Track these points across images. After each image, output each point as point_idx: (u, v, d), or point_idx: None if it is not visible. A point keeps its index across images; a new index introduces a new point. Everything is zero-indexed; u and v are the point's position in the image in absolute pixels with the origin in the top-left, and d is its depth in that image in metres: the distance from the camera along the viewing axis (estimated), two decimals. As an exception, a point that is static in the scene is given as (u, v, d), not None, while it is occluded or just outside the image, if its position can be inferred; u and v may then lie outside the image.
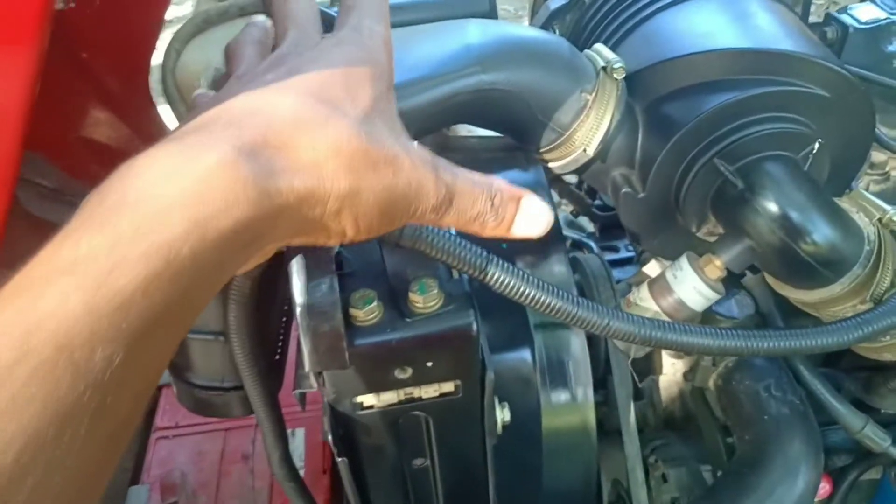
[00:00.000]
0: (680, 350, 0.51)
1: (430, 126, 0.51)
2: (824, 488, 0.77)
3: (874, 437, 0.68)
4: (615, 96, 0.53)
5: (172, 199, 0.27)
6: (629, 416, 0.77)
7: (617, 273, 0.91)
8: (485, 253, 0.46)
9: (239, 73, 0.39)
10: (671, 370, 0.87)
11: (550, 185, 1.00)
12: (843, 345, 0.50)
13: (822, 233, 0.53)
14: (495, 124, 0.56)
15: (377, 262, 0.48)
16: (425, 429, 0.52)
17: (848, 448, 0.84)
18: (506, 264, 0.46)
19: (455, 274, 0.48)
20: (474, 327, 0.47)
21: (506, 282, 0.45)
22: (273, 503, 0.84)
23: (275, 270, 0.58)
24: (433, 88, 0.49)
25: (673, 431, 0.86)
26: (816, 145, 0.53)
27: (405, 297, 0.46)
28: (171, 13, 0.95)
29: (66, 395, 0.24)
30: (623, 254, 1.06)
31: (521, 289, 0.45)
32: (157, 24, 0.96)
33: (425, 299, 0.46)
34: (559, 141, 0.54)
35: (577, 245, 1.01)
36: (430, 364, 0.47)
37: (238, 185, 0.29)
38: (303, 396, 0.47)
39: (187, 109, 0.72)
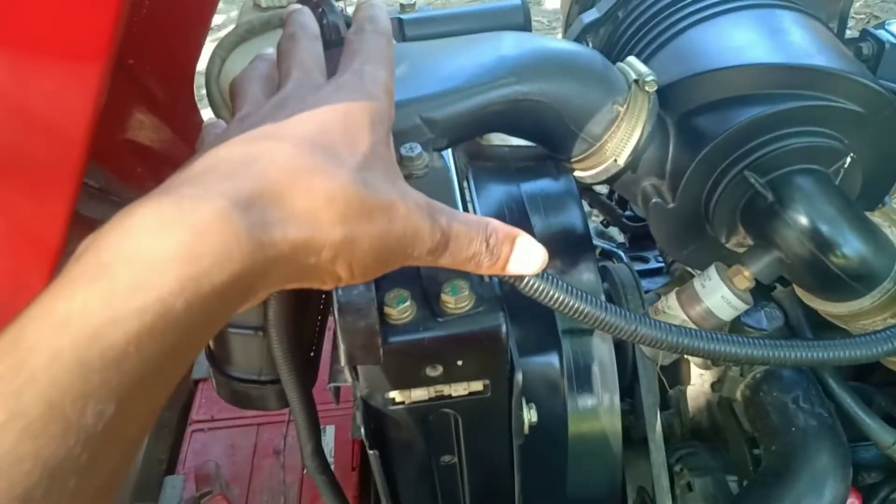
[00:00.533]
0: (707, 357, 0.52)
1: (464, 135, 0.52)
2: (853, 503, 0.77)
3: (904, 452, 0.67)
4: (647, 108, 0.54)
5: (167, 253, 0.27)
6: (655, 424, 0.78)
7: (646, 283, 0.92)
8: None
9: (242, 113, 0.39)
10: (699, 381, 0.87)
11: (581, 194, 1.01)
12: (872, 357, 0.51)
13: (852, 246, 0.53)
14: (528, 134, 0.58)
15: (412, 263, 0.50)
16: (454, 426, 0.54)
17: (879, 465, 0.83)
18: (548, 276, 0.48)
19: (486, 277, 0.50)
20: (504, 329, 0.48)
21: (535, 286, 0.46)
22: (303, 498, 0.86)
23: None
24: (468, 98, 0.51)
25: (700, 441, 0.86)
26: (848, 160, 0.54)
27: (437, 298, 0.48)
28: (214, 20, 0.98)
29: (56, 451, 0.24)
30: (653, 264, 1.06)
31: (551, 293, 0.47)
32: (203, 32, 1.00)
33: (457, 300, 0.47)
34: (590, 151, 0.56)
35: (607, 255, 1.02)
36: (460, 363, 0.49)
37: (232, 238, 0.29)
38: (337, 390, 0.49)
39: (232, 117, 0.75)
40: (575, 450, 0.72)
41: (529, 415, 0.56)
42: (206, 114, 1.08)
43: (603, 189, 1.08)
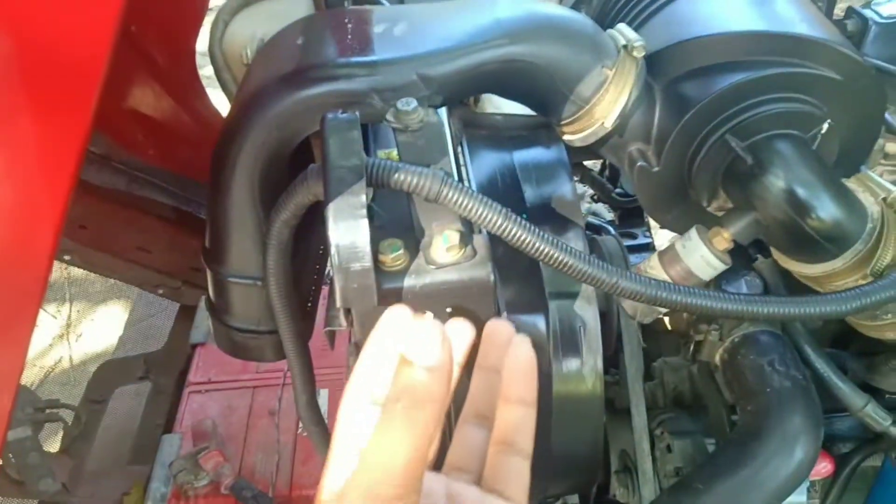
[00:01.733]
0: (683, 311, 0.54)
1: (458, 93, 0.54)
2: (826, 468, 0.79)
3: (875, 416, 0.70)
4: (634, 73, 0.56)
5: None
6: (638, 389, 0.80)
7: (633, 259, 0.94)
8: (505, 210, 0.50)
9: None
10: (681, 352, 0.90)
11: (573, 170, 1.03)
12: (842, 314, 0.53)
13: (826, 209, 0.55)
14: (520, 95, 0.60)
15: (405, 215, 0.52)
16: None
17: (853, 436, 0.86)
18: (523, 222, 0.50)
19: (477, 229, 0.52)
20: (492, 279, 0.51)
21: (523, 237, 0.49)
22: (297, 456, 0.89)
23: (311, 222, 0.62)
24: (463, 57, 0.53)
25: (681, 409, 0.89)
26: (825, 126, 0.56)
27: (429, 247, 0.50)
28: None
29: None
30: (640, 240, 1.09)
31: (537, 245, 0.49)
32: (204, 1, 1.01)
33: (448, 249, 0.50)
34: (580, 114, 0.58)
35: (596, 229, 1.04)
36: (449, 311, 0.51)
37: None
38: (332, 335, 0.51)
39: (233, 78, 0.77)
40: (558, 410, 0.75)
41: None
42: (206, 72, 1.10)
43: (594, 166, 1.11)
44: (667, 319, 0.92)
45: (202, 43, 1.03)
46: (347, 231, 0.47)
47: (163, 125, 1.13)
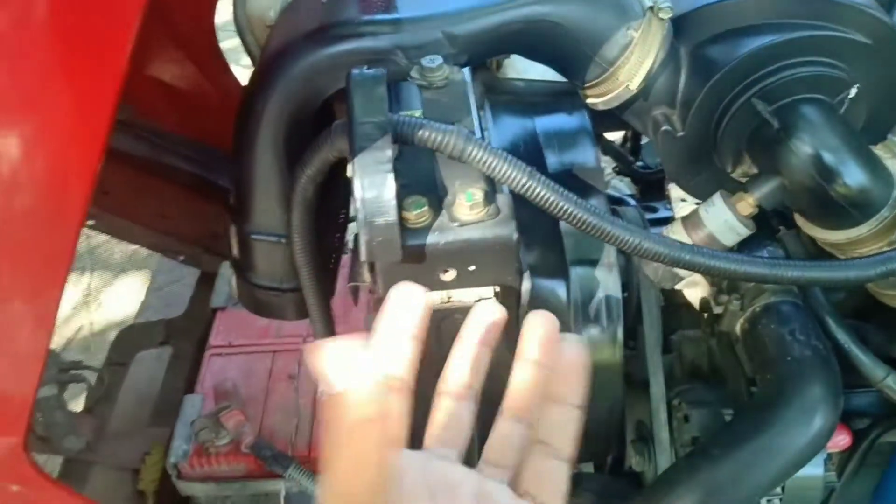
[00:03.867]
0: (706, 273, 0.54)
1: (483, 52, 0.54)
2: (844, 440, 0.79)
3: (895, 387, 0.70)
4: (660, 35, 0.56)
5: None
6: (656, 358, 0.81)
7: (655, 231, 0.94)
8: (530, 169, 0.50)
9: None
10: (701, 326, 0.90)
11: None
12: (865, 280, 0.53)
13: (852, 174, 0.55)
14: (544, 56, 0.60)
15: (429, 173, 0.53)
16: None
17: (871, 412, 0.86)
18: (548, 181, 0.50)
19: (500, 188, 0.53)
20: (514, 237, 0.51)
21: (546, 196, 0.49)
22: (316, 417, 0.90)
23: (335, 181, 0.62)
24: (488, 16, 0.53)
25: (699, 381, 0.89)
26: (853, 91, 0.56)
27: (453, 205, 0.50)
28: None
29: None
30: (661, 213, 1.08)
31: (561, 204, 0.49)
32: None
33: (472, 207, 0.50)
34: (604, 76, 0.58)
35: (617, 201, 1.04)
36: (472, 268, 0.52)
37: None
38: (356, 290, 0.52)
39: (255, 41, 0.77)
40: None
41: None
42: (227, 45, 1.10)
43: (616, 137, 1.10)
44: (686, 292, 0.92)
45: (222, 15, 1.04)
46: (373, 185, 0.47)
47: (184, 93, 1.14)
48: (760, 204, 0.58)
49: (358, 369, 0.28)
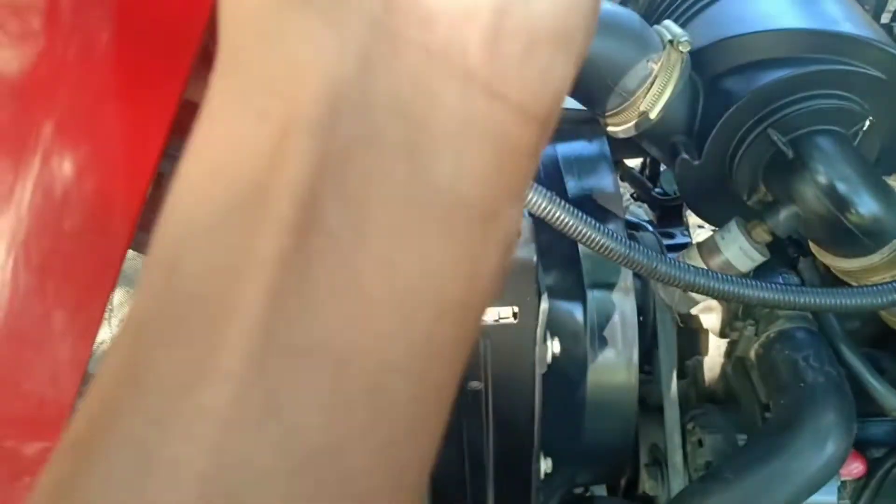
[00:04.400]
0: (720, 298, 0.55)
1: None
2: (858, 468, 0.80)
3: (909, 415, 0.70)
4: (679, 67, 0.58)
5: None
6: (671, 383, 0.82)
7: (671, 257, 0.96)
8: (549, 194, 0.52)
9: None
10: (716, 351, 0.91)
11: (614, 167, 1.05)
12: (876, 307, 0.54)
13: (866, 204, 0.56)
14: (567, 86, 0.62)
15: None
16: (483, 353, 0.59)
17: (887, 442, 0.86)
18: (567, 205, 0.52)
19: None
20: (534, 259, 0.53)
21: (566, 220, 0.51)
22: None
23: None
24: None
25: (714, 405, 0.90)
26: (867, 123, 0.57)
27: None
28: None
29: None
30: (679, 239, 1.10)
31: (580, 228, 0.51)
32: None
33: (493, 229, 0.52)
34: (624, 105, 0.60)
35: (634, 227, 1.06)
36: (492, 289, 0.54)
37: None
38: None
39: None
40: (592, 400, 0.77)
41: (552, 346, 0.60)
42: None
43: (634, 164, 1.12)
44: (702, 317, 0.93)
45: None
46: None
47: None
48: (775, 231, 0.59)
49: None
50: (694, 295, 0.63)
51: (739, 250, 0.60)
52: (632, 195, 1.09)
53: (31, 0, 0.49)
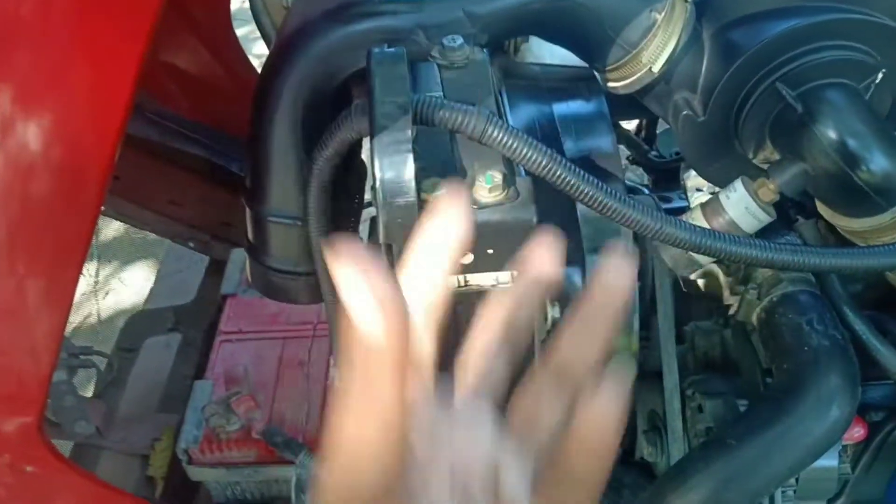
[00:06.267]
0: (726, 259, 0.53)
1: (504, 32, 0.54)
2: (859, 432, 0.79)
3: (913, 378, 0.69)
4: (683, 18, 0.55)
5: None
6: (670, 347, 0.80)
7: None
8: (550, 151, 0.49)
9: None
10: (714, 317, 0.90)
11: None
12: (887, 267, 0.52)
13: (877, 161, 0.54)
14: (565, 38, 0.59)
15: (448, 156, 0.52)
16: (480, 318, 0.56)
17: (887, 405, 0.85)
18: (569, 163, 0.50)
19: (519, 170, 0.52)
20: (534, 221, 0.50)
21: (567, 178, 0.48)
22: (327, 404, 0.90)
23: (350, 162, 0.62)
24: (511, -5, 0.52)
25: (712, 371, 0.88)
26: (880, 76, 0.55)
27: (472, 188, 0.50)
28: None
29: None
30: (676, 203, 1.08)
31: (582, 187, 0.49)
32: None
33: (491, 190, 0.49)
34: (626, 59, 0.57)
35: (631, 190, 1.03)
36: (490, 251, 0.51)
37: None
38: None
39: (272, 23, 0.77)
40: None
41: (552, 311, 0.58)
42: (241, 32, 1.10)
43: (630, 126, 1.09)
44: (700, 282, 0.91)
45: (236, 2, 1.03)
46: (392, 166, 0.47)
47: (198, 79, 1.13)
48: (782, 190, 0.57)
49: (386, 298, 0.23)
50: (697, 257, 0.61)
51: (745, 210, 0.58)
52: (627, 158, 1.06)
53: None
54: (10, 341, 0.47)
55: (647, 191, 1.01)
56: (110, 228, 2.12)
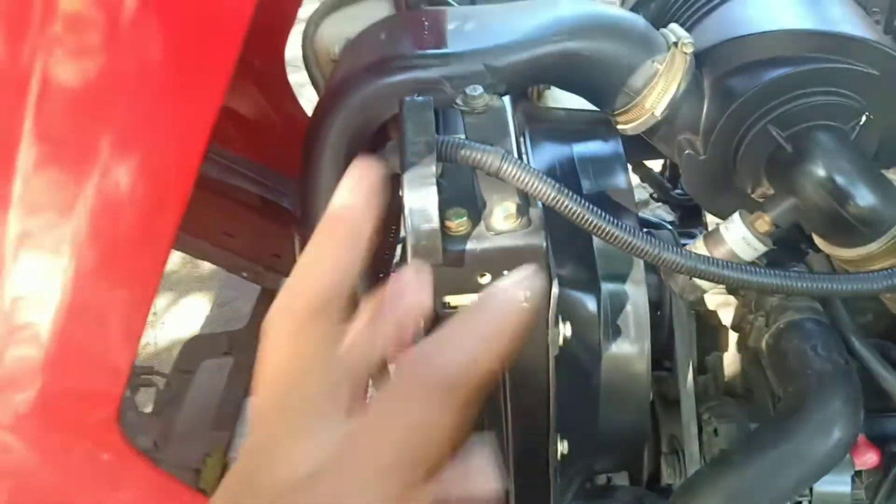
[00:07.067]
0: (721, 283, 0.59)
1: (521, 83, 0.61)
2: (872, 459, 0.81)
3: (917, 404, 0.72)
4: (683, 67, 0.62)
5: None
6: (687, 373, 0.85)
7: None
8: (557, 184, 0.56)
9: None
10: (735, 347, 0.94)
11: (634, 169, 1.08)
12: (872, 292, 0.57)
13: (863, 196, 0.59)
14: (577, 86, 0.66)
15: (470, 188, 0.59)
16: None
17: (907, 437, 0.88)
18: (572, 194, 0.56)
19: (532, 202, 0.59)
20: (543, 245, 0.57)
21: (571, 207, 0.55)
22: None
23: (390, 199, 0.69)
24: (526, 50, 0.60)
25: (731, 398, 0.92)
26: (864, 118, 0.60)
27: (490, 216, 0.57)
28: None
29: None
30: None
31: (584, 215, 0.55)
32: (294, 9, 1.12)
33: (506, 218, 0.56)
34: (631, 104, 0.64)
35: (654, 226, 1.09)
36: (505, 273, 0.58)
37: None
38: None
39: (321, 74, 0.86)
40: (606, 389, 0.80)
41: (564, 329, 0.64)
42: (294, 78, 1.20)
43: (655, 165, 1.15)
44: (720, 314, 0.96)
45: (291, 51, 1.14)
46: (419, 197, 0.54)
47: (253, 121, 1.24)
48: (776, 222, 0.62)
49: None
50: (699, 282, 0.66)
51: (742, 240, 0.63)
52: (651, 196, 1.12)
53: (91, 16, 0.56)
54: (98, 342, 0.55)
55: (668, 226, 1.06)
56: (168, 263, 2.25)
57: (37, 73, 0.53)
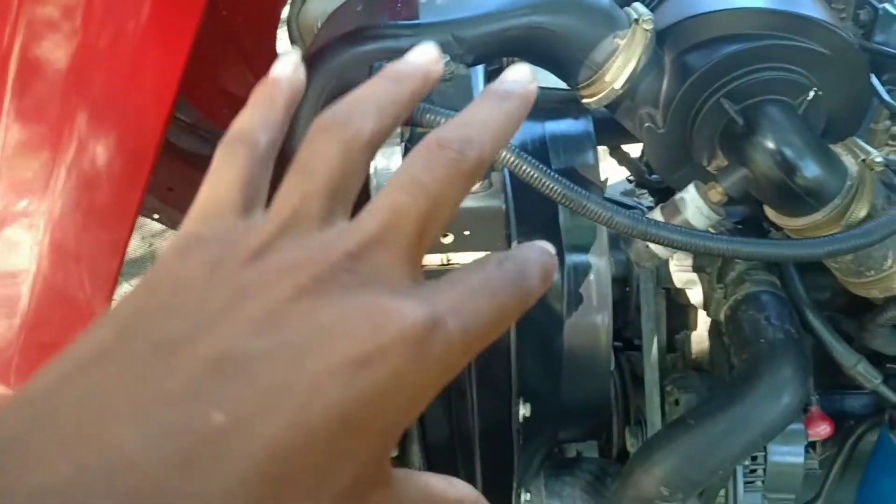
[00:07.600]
0: (671, 246, 0.62)
1: (486, 54, 0.64)
2: (825, 430, 0.84)
3: (866, 374, 0.76)
4: (643, 44, 0.65)
5: None
6: (651, 348, 0.88)
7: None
8: (516, 149, 0.59)
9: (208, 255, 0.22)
10: (703, 326, 0.97)
11: (611, 153, 1.11)
12: (815, 257, 0.60)
13: (809, 168, 0.62)
14: (542, 60, 0.69)
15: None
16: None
17: (865, 414, 0.91)
18: (527, 157, 0.59)
19: (497, 168, 0.62)
20: (502, 207, 0.60)
21: (525, 168, 0.58)
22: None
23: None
24: (492, 23, 0.63)
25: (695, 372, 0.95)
26: (811, 94, 0.63)
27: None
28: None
29: None
30: (673, 222, 1.15)
31: (538, 176, 0.58)
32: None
33: (467, 180, 0.59)
34: (593, 78, 0.67)
35: (627, 207, 1.12)
36: (466, 233, 0.61)
37: None
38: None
39: (305, 47, 0.89)
40: (568, 358, 0.83)
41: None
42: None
43: (633, 150, 1.18)
44: (688, 293, 0.99)
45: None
46: (384, 156, 0.57)
47: (244, 101, 1.27)
48: (729, 192, 0.65)
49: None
50: (655, 249, 0.69)
51: (696, 210, 0.66)
52: (627, 179, 1.15)
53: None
54: (73, 278, 0.59)
55: (642, 205, 1.10)
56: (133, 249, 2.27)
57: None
